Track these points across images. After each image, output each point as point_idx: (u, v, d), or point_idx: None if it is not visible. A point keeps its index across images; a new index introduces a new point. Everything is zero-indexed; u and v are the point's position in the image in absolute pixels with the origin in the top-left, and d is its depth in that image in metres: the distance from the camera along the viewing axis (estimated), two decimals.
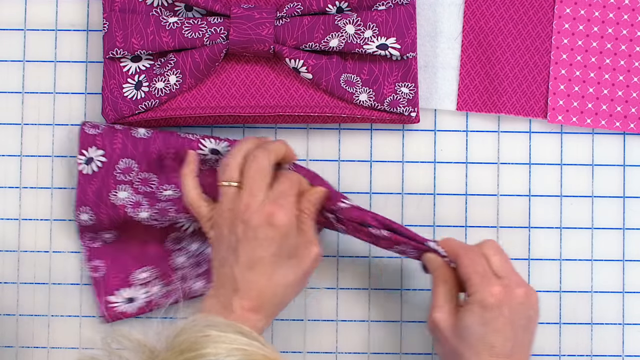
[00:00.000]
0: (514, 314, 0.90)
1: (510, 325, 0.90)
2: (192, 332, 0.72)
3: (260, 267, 0.90)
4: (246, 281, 0.90)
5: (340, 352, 1.02)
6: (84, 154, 0.98)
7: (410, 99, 0.99)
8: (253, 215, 0.90)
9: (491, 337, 0.89)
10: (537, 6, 1.02)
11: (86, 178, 0.98)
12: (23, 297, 1.03)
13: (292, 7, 0.98)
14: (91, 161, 0.98)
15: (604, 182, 1.03)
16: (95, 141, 0.98)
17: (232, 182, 0.93)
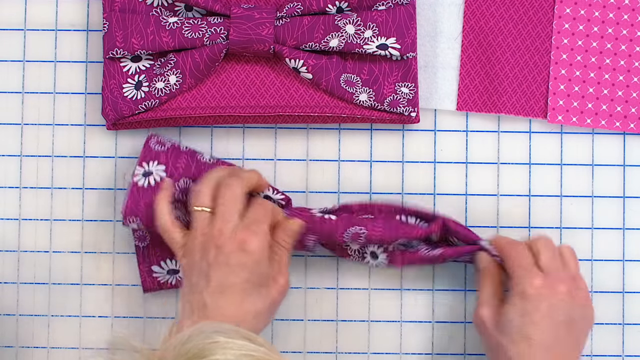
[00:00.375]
0: (553, 309, 0.91)
1: (549, 319, 0.91)
2: (199, 339, 0.71)
3: (231, 294, 0.90)
4: (216, 307, 0.90)
5: (340, 352, 1.02)
6: (143, 167, 0.97)
7: (410, 99, 0.99)
8: (226, 241, 0.91)
9: (529, 329, 0.91)
10: (537, 6, 1.02)
11: (141, 190, 0.96)
12: (23, 297, 1.03)
13: (292, 7, 0.98)
14: (149, 174, 0.97)
15: (604, 182, 1.03)
16: (159, 157, 0.97)
17: (204, 207, 0.93)
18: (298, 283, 1.02)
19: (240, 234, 0.91)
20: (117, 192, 1.03)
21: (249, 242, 0.91)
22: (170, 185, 0.96)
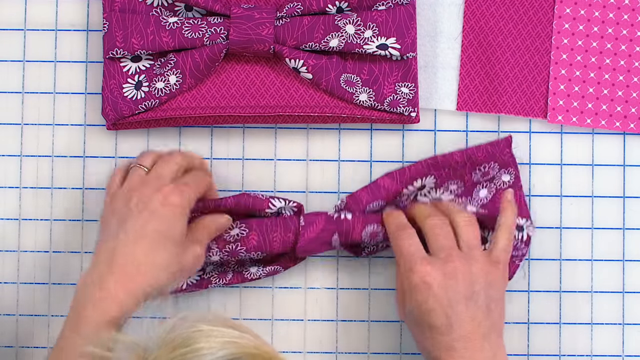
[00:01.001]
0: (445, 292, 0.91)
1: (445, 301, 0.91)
2: (183, 327, 0.72)
3: (143, 242, 0.90)
4: (126, 254, 0.90)
5: (340, 352, 1.02)
6: None
7: (410, 99, 0.99)
8: (151, 193, 0.92)
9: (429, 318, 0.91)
10: (537, 6, 1.02)
11: None
12: (23, 297, 1.03)
13: (292, 7, 0.98)
14: None
15: (604, 182, 1.03)
16: None
17: (143, 165, 0.96)
18: (298, 283, 1.02)
19: (166, 188, 0.93)
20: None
21: (172, 197, 0.92)
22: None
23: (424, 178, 0.99)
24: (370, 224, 0.97)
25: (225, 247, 0.97)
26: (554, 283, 1.03)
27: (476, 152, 0.99)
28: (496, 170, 0.99)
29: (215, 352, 0.70)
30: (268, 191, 1.03)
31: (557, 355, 1.02)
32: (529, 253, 1.03)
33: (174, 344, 0.71)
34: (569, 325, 1.03)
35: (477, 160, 0.99)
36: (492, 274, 0.93)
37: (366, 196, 0.98)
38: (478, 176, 0.99)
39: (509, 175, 1.00)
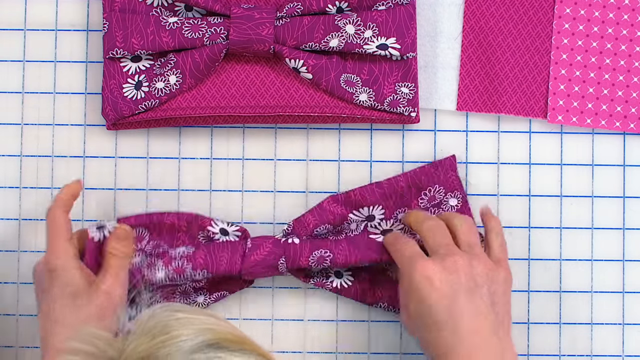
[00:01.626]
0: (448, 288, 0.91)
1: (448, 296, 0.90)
2: (161, 316, 0.73)
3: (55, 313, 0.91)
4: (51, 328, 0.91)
5: (340, 352, 1.02)
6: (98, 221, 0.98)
7: (410, 99, 0.99)
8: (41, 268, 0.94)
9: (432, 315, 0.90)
10: (537, 6, 1.02)
11: (96, 245, 0.96)
12: (23, 297, 1.03)
13: (292, 7, 0.98)
14: (103, 228, 0.96)
15: (604, 182, 1.03)
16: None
17: None
18: (298, 283, 1.02)
19: (46, 256, 0.94)
20: (117, 192, 1.03)
21: (49, 262, 0.93)
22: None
23: (371, 207, 0.99)
24: (317, 250, 0.97)
25: (171, 263, 0.96)
26: (554, 283, 1.03)
27: (420, 174, 0.99)
28: (442, 195, 1.00)
29: (194, 337, 0.71)
30: (268, 191, 1.03)
31: (557, 355, 1.02)
32: (529, 253, 1.03)
33: (153, 332, 0.71)
34: (569, 325, 1.03)
35: (421, 185, 0.99)
36: (494, 270, 0.93)
37: (313, 220, 0.98)
38: (425, 202, 1.00)
39: (456, 199, 1.00)
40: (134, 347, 0.71)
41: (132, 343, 0.71)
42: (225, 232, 0.98)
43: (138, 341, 0.71)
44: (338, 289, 1.00)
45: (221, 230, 0.98)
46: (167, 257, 0.97)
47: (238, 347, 0.72)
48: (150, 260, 0.97)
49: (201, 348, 0.71)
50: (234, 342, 0.72)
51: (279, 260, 0.96)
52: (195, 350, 0.70)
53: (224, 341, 0.72)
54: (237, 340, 0.72)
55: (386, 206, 0.99)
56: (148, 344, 0.71)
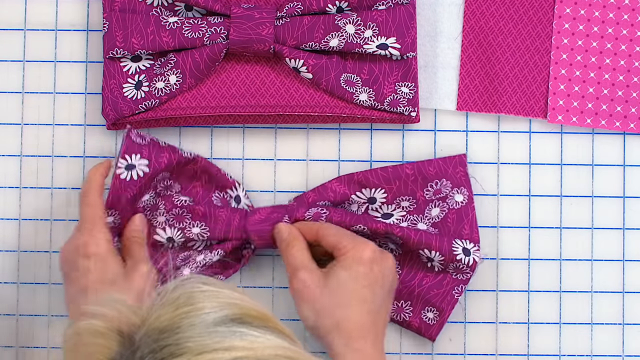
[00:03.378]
0: (383, 276, 0.94)
1: (379, 285, 0.94)
2: (186, 287, 0.73)
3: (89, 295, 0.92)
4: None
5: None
6: (126, 159, 0.96)
7: (410, 98, 0.99)
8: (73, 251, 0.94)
9: (362, 291, 0.93)
10: (537, 6, 1.02)
11: (123, 183, 0.96)
12: (23, 297, 1.03)
13: (292, 7, 0.98)
14: (132, 168, 0.95)
15: (604, 182, 1.03)
16: (142, 151, 0.96)
17: None
18: None
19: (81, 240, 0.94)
20: None
21: (88, 246, 0.93)
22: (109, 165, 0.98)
23: (373, 190, 0.99)
24: (314, 207, 0.98)
25: (172, 209, 0.98)
26: (554, 283, 1.03)
27: (427, 166, 0.99)
28: (449, 189, 1.00)
29: (217, 311, 0.71)
30: (268, 191, 1.02)
31: (557, 355, 1.02)
32: (529, 253, 1.03)
33: (177, 303, 0.72)
34: (569, 325, 1.03)
35: (428, 176, 0.99)
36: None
37: (313, 195, 0.99)
38: (430, 194, 1.00)
39: (462, 195, 1.00)
40: (157, 315, 0.71)
41: (156, 312, 0.71)
42: (239, 199, 0.99)
43: (162, 310, 0.71)
44: None
45: (236, 198, 0.99)
46: (170, 202, 0.98)
47: (261, 324, 0.72)
48: (154, 202, 0.98)
49: (224, 321, 0.71)
50: (257, 318, 0.72)
51: (283, 218, 0.98)
52: (218, 323, 0.71)
53: (247, 317, 0.72)
54: (260, 316, 0.73)
55: (389, 190, 0.99)
56: (172, 314, 0.71)
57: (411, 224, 0.99)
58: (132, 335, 0.71)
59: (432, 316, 0.99)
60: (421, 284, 0.99)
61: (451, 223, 0.99)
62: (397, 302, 1.00)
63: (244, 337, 0.70)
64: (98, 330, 0.71)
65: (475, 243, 0.98)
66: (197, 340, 0.69)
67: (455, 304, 0.99)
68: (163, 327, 0.70)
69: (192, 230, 0.98)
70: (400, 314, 1.00)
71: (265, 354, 0.69)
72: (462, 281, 0.99)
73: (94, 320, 0.72)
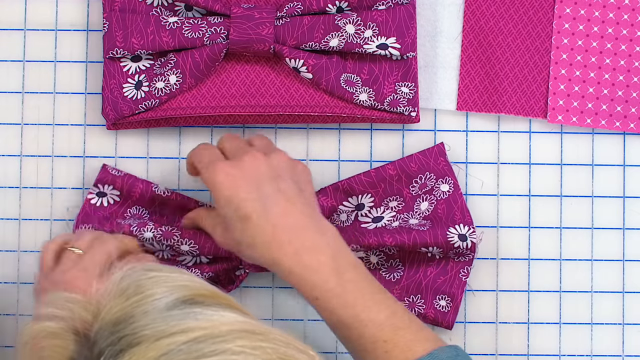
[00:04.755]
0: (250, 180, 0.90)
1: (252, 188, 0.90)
2: (133, 277, 0.73)
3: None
4: None
5: (341, 352, 1.02)
6: (98, 187, 1.00)
7: (410, 98, 0.99)
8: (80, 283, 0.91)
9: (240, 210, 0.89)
10: (537, 6, 1.02)
11: (92, 208, 0.98)
12: (23, 297, 1.03)
13: (292, 7, 0.98)
14: (103, 195, 0.99)
15: (604, 182, 1.03)
16: (115, 182, 0.99)
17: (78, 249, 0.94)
18: None
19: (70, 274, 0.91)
20: None
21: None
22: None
23: (360, 196, 0.99)
24: None
25: (161, 226, 0.98)
26: (554, 283, 1.03)
27: (409, 162, 0.99)
28: (433, 181, 1.00)
29: (168, 295, 0.71)
30: None
31: (557, 355, 1.02)
32: (529, 253, 1.03)
33: (126, 293, 0.71)
34: (569, 325, 1.03)
35: (411, 172, 0.99)
36: (291, 162, 0.93)
37: None
38: (417, 189, 1.00)
39: (447, 185, 1.00)
40: (109, 308, 0.71)
41: (107, 305, 0.71)
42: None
43: (113, 302, 0.71)
44: None
45: None
46: (158, 220, 0.99)
47: (213, 302, 0.72)
48: (141, 221, 0.98)
49: (176, 304, 0.71)
50: (208, 297, 0.72)
51: None
52: (171, 307, 0.71)
53: (199, 296, 0.72)
54: (211, 294, 0.73)
55: (375, 194, 1.00)
56: (123, 305, 0.71)
57: (402, 222, 0.99)
58: (87, 332, 0.71)
59: (445, 303, 0.99)
60: (426, 274, 1.00)
61: (442, 213, 0.99)
62: (408, 297, 1.00)
63: (199, 317, 0.70)
64: (53, 332, 0.71)
65: (469, 225, 0.98)
66: (152, 326, 0.69)
67: (465, 286, 0.99)
68: (116, 319, 0.70)
69: (180, 248, 0.98)
70: (414, 308, 0.99)
71: (223, 330, 0.69)
72: (465, 263, 0.99)
73: (47, 322, 0.72)
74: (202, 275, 0.98)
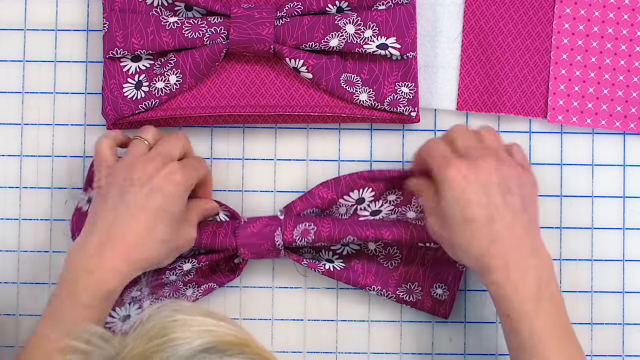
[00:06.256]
0: (481, 187, 0.90)
1: (481, 196, 0.90)
2: (159, 318, 0.72)
3: (144, 215, 0.91)
4: (125, 227, 0.91)
5: (340, 352, 1.02)
6: (88, 192, 1.00)
7: (410, 98, 0.99)
8: (154, 166, 0.92)
9: (466, 212, 0.90)
10: (537, 6, 1.02)
11: (84, 216, 0.97)
12: (23, 297, 1.03)
13: (292, 7, 0.98)
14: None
15: (604, 182, 1.03)
16: None
17: (146, 139, 0.96)
18: (298, 283, 1.02)
19: (171, 165, 0.93)
20: None
21: (177, 174, 0.93)
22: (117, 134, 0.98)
23: (361, 190, 0.99)
24: (300, 223, 0.97)
25: None
26: None
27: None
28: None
29: (191, 341, 0.71)
30: (268, 191, 1.03)
31: None
32: None
33: (149, 335, 0.71)
34: None
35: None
36: (522, 175, 0.93)
37: (300, 204, 0.99)
38: None
39: None
40: (130, 348, 0.71)
41: (130, 344, 0.71)
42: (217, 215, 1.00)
43: (135, 343, 0.71)
44: (330, 272, 0.99)
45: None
46: None
47: (237, 351, 0.71)
48: None
49: (198, 352, 0.70)
50: (233, 345, 0.72)
51: (276, 231, 0.97)
52: (190, 355, 0.70)
53: (223, 344, 0.71)
54: (236, 342, 0.72)
55: (376, 188, 1.00)
56: (144, 347, 0.70)
57: (400, 215, 0.99)
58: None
59: (442, 292, 1.00)
60: (424, 262, 1.00)
61: None
62: (405, 284, 1.00)
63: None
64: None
65: None
66: None
67: (461, 275, 1.00)
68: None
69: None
70: (411, 295, 1.00)
71: None
72: None
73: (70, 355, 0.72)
74: (199, 264, 0.98)
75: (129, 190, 0.92)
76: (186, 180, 0.93)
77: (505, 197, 0.91)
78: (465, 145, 0.94)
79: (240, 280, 1.02)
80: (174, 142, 0.96)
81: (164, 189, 0.92)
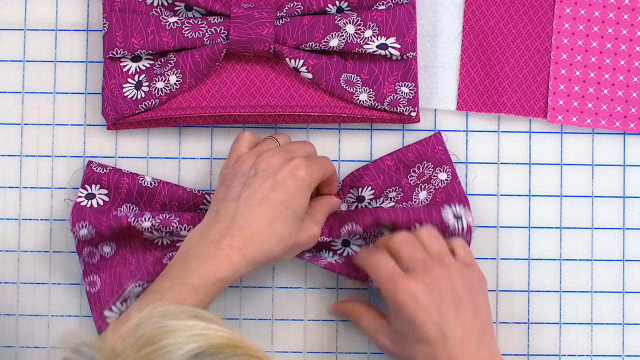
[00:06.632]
0: (432, 302, 0.91)
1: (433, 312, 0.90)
2: (148, 325, 0.72)
3: (265, 208, 0.91)
4: (246, 217, 0.90)
5: (340, 352, 1.02)
6: (86, 189, 1.00)
7: (411, 98, 0.99)
8: (279, 160, 0.93)
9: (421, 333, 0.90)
10: (537, 6, 1.02)
11: (84, 208, 0.98)
12: (23, 297, 1.03)
13: (292, 7, 0.98)
14: (92, 197, 0.99)
15: (604, 182, 1.03)
16: (101, 180, 0.99)
17: (277, 139, 0.97)
18: (298, 283, 1.02)
19: (296, 160, 0.93)
20: None
21: (301, 170, 0.92)
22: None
23: (360, 189, 0.99)
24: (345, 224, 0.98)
25: (159, 214, 0.98)
26: (554, 283, 1.03)
27: (405, 153, 1.00)
28: (431, 170, 1.00)
29: (181, 346, 0.70)
30: None
31: (557, 355, 1.02)
32: (529, 253, 1.03)
33: (139, 343, 0.71)
34: (569, 325, 1.03)
35: (408, 162, 1.00)
36: (469, 276, 0.93)
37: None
38: (415, 179, 1.00)
39: (445, 173, 1.00)
40: (122, 358, 0.71)
41: (121, 354, 0.71)
42: None
43: (125, 353, 0.71)
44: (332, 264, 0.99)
45: None
46: (157, 211, 0.99)
47: (230, 353, 0.71)
48: (138, 212, 0.99)
49: (189, 358, 0.70)
50: (224, 347, 0.71)
51: None
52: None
53: (214, 347, 0.71)
54: (227, 343, 0.72)
55: (375, 186, 1.00)
56: (135, 356, 0.70)
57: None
58: None
59: None
60: None
61: (440, 202, 0.99)
62: None
63: None
64: None
65: (465, 204, 0.98)
66: None
67: None
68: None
69: (180, 233, 0.98)
70: None
71: None
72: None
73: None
74: None
75: (252, 182, 0.92)
76: (310, 176, 0.93)
77: (457, 310, 0.91)
78: (411, 257, 0.93)
79: (240, 281, 1.02)
80: (302, 144, 0.97)
81: (286, 183, 0.92)
